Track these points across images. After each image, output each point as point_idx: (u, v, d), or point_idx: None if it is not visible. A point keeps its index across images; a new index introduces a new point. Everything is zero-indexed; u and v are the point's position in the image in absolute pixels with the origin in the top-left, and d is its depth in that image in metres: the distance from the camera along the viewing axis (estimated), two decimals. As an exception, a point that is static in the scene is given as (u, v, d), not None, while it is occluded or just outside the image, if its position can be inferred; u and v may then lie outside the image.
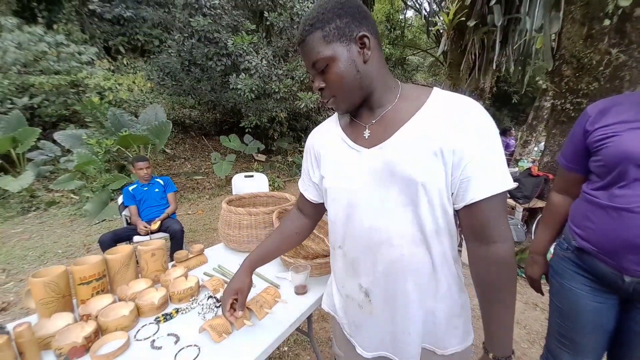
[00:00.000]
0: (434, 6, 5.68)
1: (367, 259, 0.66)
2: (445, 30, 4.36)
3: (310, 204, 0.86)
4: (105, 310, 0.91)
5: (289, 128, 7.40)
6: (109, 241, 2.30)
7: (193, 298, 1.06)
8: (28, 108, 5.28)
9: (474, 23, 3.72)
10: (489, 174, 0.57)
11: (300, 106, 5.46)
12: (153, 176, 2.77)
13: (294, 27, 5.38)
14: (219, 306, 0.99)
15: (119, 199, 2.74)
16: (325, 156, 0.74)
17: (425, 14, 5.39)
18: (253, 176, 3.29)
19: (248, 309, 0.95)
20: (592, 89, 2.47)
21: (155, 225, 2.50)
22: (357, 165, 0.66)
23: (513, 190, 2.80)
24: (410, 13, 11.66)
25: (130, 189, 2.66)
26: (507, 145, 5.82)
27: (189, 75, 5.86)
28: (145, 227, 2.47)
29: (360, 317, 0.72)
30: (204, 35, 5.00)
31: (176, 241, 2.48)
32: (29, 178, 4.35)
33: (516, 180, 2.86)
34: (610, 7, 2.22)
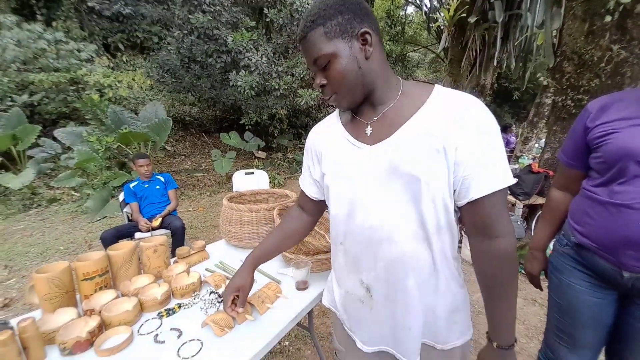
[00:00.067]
0: (435, 2, 5.66)
1: (369, 255, 0.67)
2: (446, 26, 4.34)
3: (311, 201, 0.86)
4: (109, 306, 0.92)
5: (289, 125, 7.39)
6: (111, 238, 2.31)
7: (195, 293, 1.07)
8: (28, 105, 5.28)
9: (474, 19, 3.70)
10: (491, 171, 0.58)
11: (301, 103, 5.44)
12: (154, 173, 2.77)
13: (294, 24, 5.35)
14: (221, 301, 0.99)
15: (120, 196, 2.75)
16: (326, 153, 0.74)
17: (426, 10, 5.36)
18: (253, 173, 3.30)
19: (250, 304, 0.96)
20: (593, 85, 2.46)
21: (156, 222, 2.50)
22: (359, 162, 0.66)
23: (513, 186, 2.79)
24: (410, 9, 11.57)
25: (131, 185, 2.66)
26: (508, 142, 5.81)
27: (189, 72, 5.84)
28: (146, 224, 2.48)
29: (361, 313, 0.72)
30: (204, 32, 4.98)
31: (177, 238, 2.49)
32: (30, 175, 4.37)
33: (516, 176, 2.86)
34: (612, 4, 2.21)
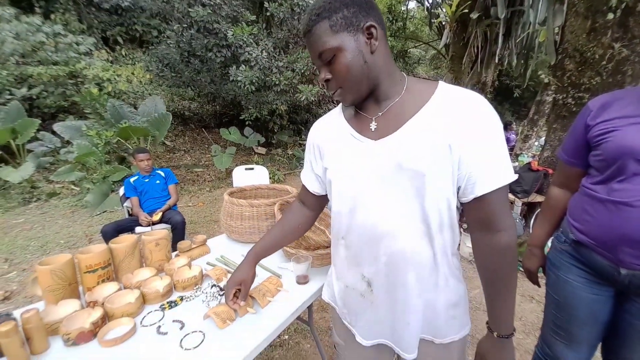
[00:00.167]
0: (437, -2, 5.60)
1: (371, 250, 0.67)
2: (448, 22, 4.31)
3: (313, 196, 0.86)
4: (111, 298, 0.93)
5: (289, 121, 7.35)
6: (112, 232, 2.32)
7: (197, 286, 1.08)
8: (27, 99, 5.26)
9: (477, 15, 3.67)
10: (496, 167, 0.58)
11: (301, 99, 5.42)
12: (154, 168, 2.77)
13: (295, 18, 5.31)
14: (223, 294, 1.00)
15: (120, 190, 2.76)
16: (329, 148, 0.74)
17: (428, 5, 5.33)
18: (254, 169, 3.30)
19: (251, 297, 0.97)
20: (594, 83, 2.46)
21: (156, 217, 2.51)
22: (363, 157, 0.66)
23: (512, 184, 2.81)
24: (412, 4, 11.46)
25: (131, 180, 2.66)
26: (508, 139, 5.82)
27: (189, 66, 5.79)
28: (146, 219, 2.49)
29: (360, 307, 0.73)
30: (203, 25, 4.93)
31: (178, 232, 2.49)
32: (30, 169, 4.36)
33: (515, 174, 2.86)
34: (614, 1, 2.20)
